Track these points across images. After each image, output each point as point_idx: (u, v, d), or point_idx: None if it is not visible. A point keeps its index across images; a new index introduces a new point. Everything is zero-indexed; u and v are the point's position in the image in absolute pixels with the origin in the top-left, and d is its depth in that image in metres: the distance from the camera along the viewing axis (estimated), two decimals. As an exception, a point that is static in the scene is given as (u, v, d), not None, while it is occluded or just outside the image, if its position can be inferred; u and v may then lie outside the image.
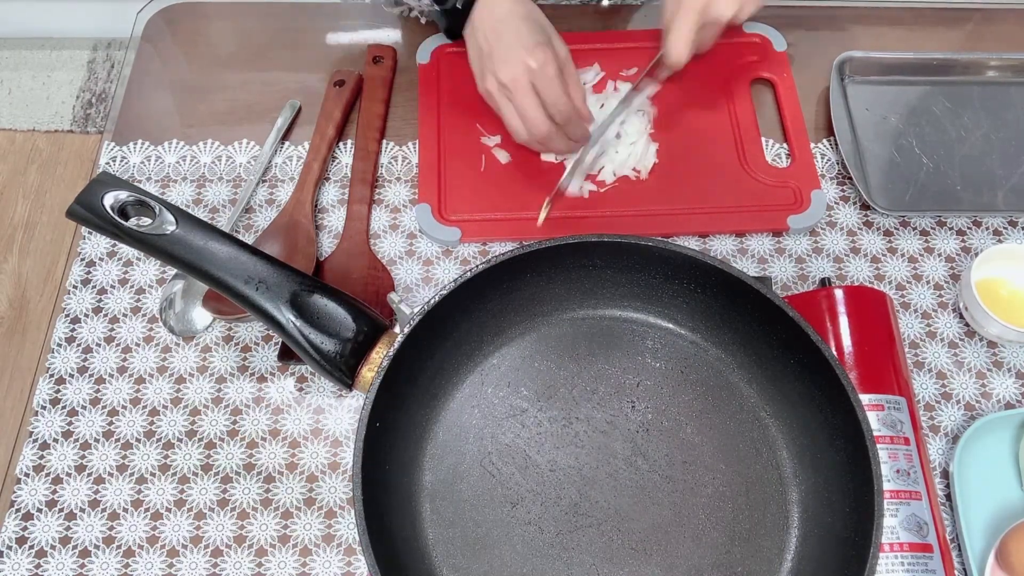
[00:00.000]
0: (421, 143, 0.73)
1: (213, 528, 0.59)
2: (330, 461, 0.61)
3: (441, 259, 0.69)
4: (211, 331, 0.66)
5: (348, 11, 0.83)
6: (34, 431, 0.62)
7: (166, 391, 0.63)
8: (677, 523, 0.55)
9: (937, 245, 0.69)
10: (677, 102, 0.75)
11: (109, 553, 0.58)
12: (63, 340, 0.65)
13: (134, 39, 0.81)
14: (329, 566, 0.58)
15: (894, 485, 0.54)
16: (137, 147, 0.75)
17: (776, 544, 0.55)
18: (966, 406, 0.63)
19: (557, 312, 0.61)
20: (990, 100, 0.76)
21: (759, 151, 0.72)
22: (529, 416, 0.59)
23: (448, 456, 0.58)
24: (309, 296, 0.53)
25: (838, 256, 0.69)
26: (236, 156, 0.74)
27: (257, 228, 0.70)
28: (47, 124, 1.72)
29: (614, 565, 0.54)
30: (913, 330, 0.66)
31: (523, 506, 0.56)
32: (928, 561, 0.52)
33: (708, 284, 0.57)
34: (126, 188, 0.51)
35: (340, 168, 0.73)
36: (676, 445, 0.58)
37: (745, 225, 0.69)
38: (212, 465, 0.61)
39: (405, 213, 0.71)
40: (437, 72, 0.77)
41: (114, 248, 0.69)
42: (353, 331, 0.53)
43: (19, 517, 0.59)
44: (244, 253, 0.53)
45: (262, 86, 0.78)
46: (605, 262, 0.59)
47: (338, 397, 0.63)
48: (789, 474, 0.56)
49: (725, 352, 0.60)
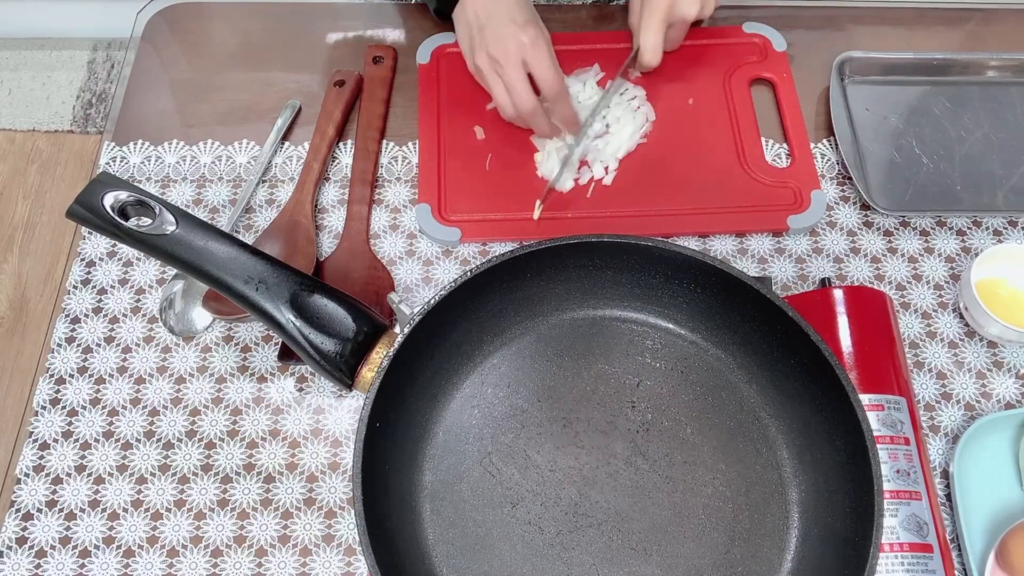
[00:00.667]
0: (421, 143, 0.73)
1: (213, 528, 0.59)
2: (330, 461, 0.61)
3: (441, 259, 0.69)
4: (211, 331, 0.66)
5: (348, 11, 0.83)
6: (34, 431, 0.62)
7: (166, 391, 0.63)
8: (677, 523, 0.55)
9: (937, 245, 0.69)
10: (677, 102, 0.75)
11: (109, 553, 0.58)
12: (63, 340, 0.65)
13: (134, 39, 0.81)
14: (329, 566, 0.58)
15: (894, 485, 0.54)
16: (137, 147, 0.75)
17: (776, 544, 0.55)
18: (966, 406, 0.63)
19: (557, 312, 0.61)
20: (990, 100, 0.76)
21: (759, 151, 0.72)
22: (529, 416, 0.59)
23: (448, 456, 0.58)
24: (309, 296, 0.53)
25: (838, 256, 0.69)
26: (236, 156, 0.74)
27: (257, 228, 0.70)
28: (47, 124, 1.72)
29: (614, 565, 0.54)
30: (913, 330, 0.66)
31: (523, 506, 0.56)
32: (928, 561, 0.52)
33: (708, 284, 0.57)
34: (126, 188, 0.51)
35: (340, 168, 0.73)
36: (676, 445, 0.58)
37: (745, 225, 0.69)
38: (212, 465, 0.61)
39: (405, 213, 0.71)
40: (437, 72, 0.77)
41: (114, 248, 0.69)
42: (353, 331, 0.53)
43: (19, 517, 0.59)
44: (244, 253, 0.53)
45: (262, 86, 0.78)
46: (605, 262, 0.59)
47: (338, 397, 0.63)
48: (789, 474, 0.56)
49: (725, 352, 0.60)
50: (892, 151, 0.73)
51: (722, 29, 0.79)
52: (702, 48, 0.78)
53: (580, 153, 0.71)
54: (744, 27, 0.79)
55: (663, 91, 0.75)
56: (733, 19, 0.80)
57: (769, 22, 0.79)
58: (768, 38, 0.78)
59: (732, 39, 0.78)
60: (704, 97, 0.75)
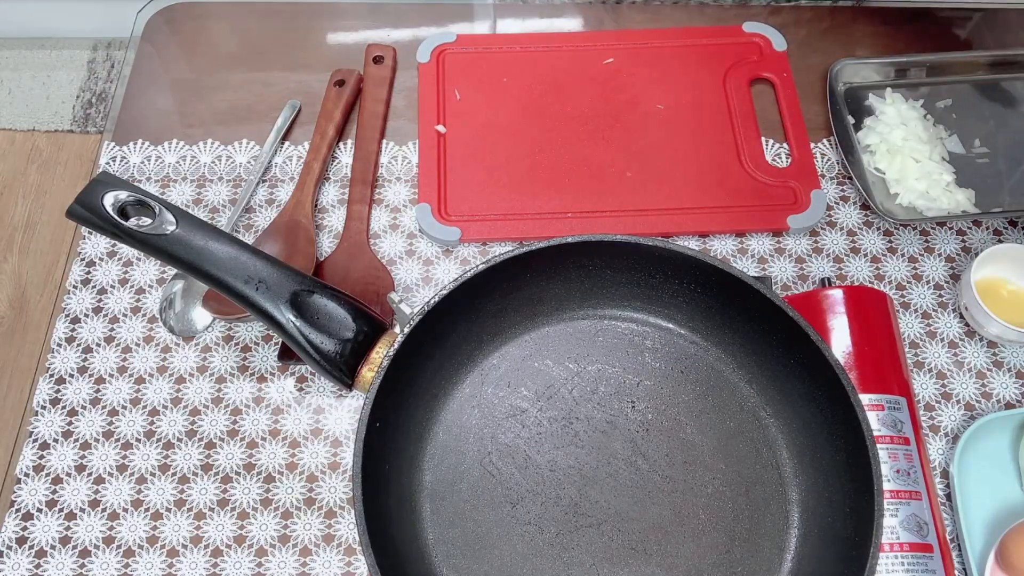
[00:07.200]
0: (421, 143, 0.73)
1: (213, 528, 0.59)
2: (330, 461, 0.61)
3: (441, 259, 0.69)
4: (211, 331, 0.66)
5: (348, 11, 0.83)
6: (34, 431, 0.62)
7: (166, 391, 0.63)
8: (677, 523, 0.55)
9: (937, 245, 0.69)
10: (677, 101, 0.75)
11: (109, 553, 0.58)
12: (63, 340, 0.65)
13: (134, 39, 0.81)
14: (329, 566, 0.58)
15: (894, 485, 0.54)
16: (137, 147, 0.75)
17: (776, 544, 0.55)
18: (966, 406, 0.63)
19: (557, 312, 0.61)
20: (990, 100, 0.76)
21: (759, 151, 0.72)
22: (529, 416, 0.59)
23: (448, 456, 0.58)
24: (309, 296, 0.53)
25: (838, 256, 0.69)
26: (236, 156, 0.74)
27: (257, 228, 0.70)
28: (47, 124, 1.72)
29: (614, 565, 0.54)
30: (913, 330, 0.66)
31: (523, 506, 0.56)
32: (928, 561, 0.52)
33: (708, 284, 0.57)
34: (126, 188, 0.51)
35: (340, 168, 0.73)
36: (676, 445, 0.58)
37: (745, 225, 0.69)
38: (212, 465, 0.61)
39: (405, 213, 0.71)
40: (437, 71, 0.77)
41: (114, 248, 0.69)
42: (353, 331, 0.53)
43: (19, 517, 0.59)
44: (244, 253, 0.53)
45: (262, 86, 0.78)
46: (605, 262, 0.59)
47: (338, 397, 0.63)
48: (789, 474, 0.56)
49: (725, 352, 0.60)
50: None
51: (722, 29, 0.79)
52: (702, 48, 0.78)
53: None
54: (744, 27, 0.79)
55: (663, 90, 0.75)
56: (733, 19, 0.80)
57: (769, 22, 0.79)
58: (768, 38, 0.78)
59: (732, 39, 0.78)
60: (704, 97, 0.75)
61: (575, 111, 0.74)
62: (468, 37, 0.79)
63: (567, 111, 0.74)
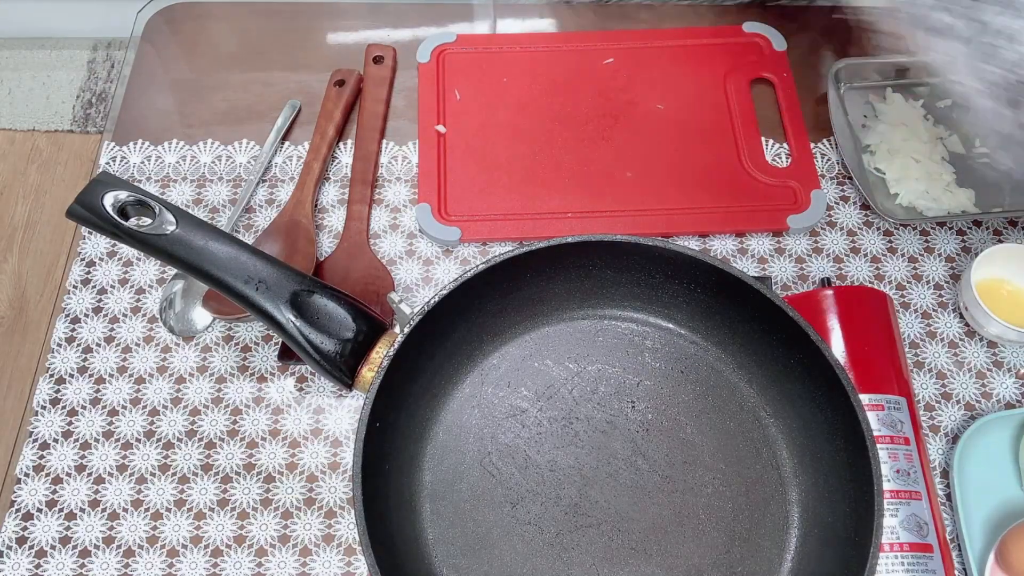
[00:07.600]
0: (421, 143, 0.73)
1: (213, 528, 0.59)
2: (330, 461, 0.61)
3: (441, 259, 0.69)
4: (211, 331, 0.66)
5: (348, 11, 0.83)
6: (34, 431, 0.62)
7: (166, 391, 0.63)
8: (677, 523, 0.55)
9: (937, 245, 0.69)
10: (677, 101, 0.75)
11: (109, 553, 0.58)
12: (63, 340, 0.65)
13: (134, 39, 0.81)
14: (329, 566, 0.58)
15: (894, 485, 0.54)
16: (137, 147, 0.75)
17: (776, 544, 0.55)
18: (966, 406, 0.63)
19: (557, 312, 0.61)
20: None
21: (759, 151, 0.72)
22: (529, 416, 0.59)
23: (448, 456, 0.58)
24: (309, 296, 0.53)
25: (838, 256, 0.69)
26: (236, 156, 0.74)
27: (257, 228, 0.70)
28: (47, 124, 1.72)
29: (614, 565, 0.54)
30: (913, 330, 0.66)
31: (523, 506, 0.56)
32: (928, 561, 0.52)
33: (708, 284, 0.57)
34: (126, 188, 0.51)
35: (340, 168, 0.73)
36: (676, 445, 0.58)
37: (745, 225, 0.69)
38: (212, 465, 0.61)
39: (405, 213, 0.71)
40: (437, 72, 0.77)
41: (114, 248, 0.69)
42: (353, 331, 0.53)
43: (19, 517, 0.59)
44: (244, 253, 0.53)
45: (262, 86, 0.78)
46: (605, 262, 0.59)
47: (338, 397, 0.63)
48: (789, 474, 0.56)
49: (725, 352, 0.60)
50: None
51: (722, 29, 0.79)
52: (702, 48, 0.78)
53: None
54: (744, 27, 0.79)
55: (663, 90, 0.75)
56: (733, 19, 0.80)
57: (769, 22, 0.79)
58: (768, 38, 0.78)
59: (732, 39, 0.78)
60: (704, 97, 0.75)
61: (575, 111, 0.74)
62: (468, 37, 0.79)
63: (567, 111, 0.74)
